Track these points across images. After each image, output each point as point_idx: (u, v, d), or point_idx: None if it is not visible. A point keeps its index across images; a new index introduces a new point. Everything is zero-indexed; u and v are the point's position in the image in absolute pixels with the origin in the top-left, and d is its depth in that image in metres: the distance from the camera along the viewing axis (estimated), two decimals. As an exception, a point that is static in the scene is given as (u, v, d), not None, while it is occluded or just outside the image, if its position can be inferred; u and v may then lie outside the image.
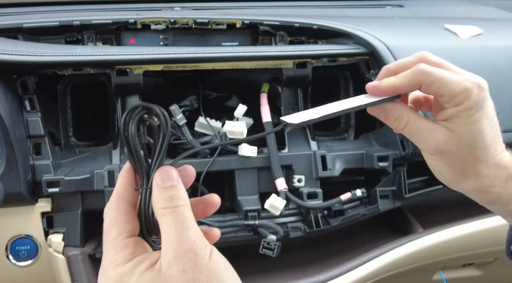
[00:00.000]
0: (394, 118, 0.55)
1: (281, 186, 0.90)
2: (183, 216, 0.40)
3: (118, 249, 0.42)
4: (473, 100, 0.50)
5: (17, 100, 0.83)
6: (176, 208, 0.41)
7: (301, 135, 0.98)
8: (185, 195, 0.42)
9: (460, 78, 0.50)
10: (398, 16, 1.23)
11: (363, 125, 1.06)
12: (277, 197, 0.87)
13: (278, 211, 0.87)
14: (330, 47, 0.96)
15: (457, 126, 0.51)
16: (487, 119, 0.51)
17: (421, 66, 0.51)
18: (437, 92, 0.51)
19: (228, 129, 0.90)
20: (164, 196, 0.41)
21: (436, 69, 0.51)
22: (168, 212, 0.40)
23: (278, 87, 1.00)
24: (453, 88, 0.50)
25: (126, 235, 0.42)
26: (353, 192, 0.94)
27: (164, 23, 0.99)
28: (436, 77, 0.50)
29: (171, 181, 0.42)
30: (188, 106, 0.95)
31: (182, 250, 0.39)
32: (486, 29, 1.08)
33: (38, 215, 0.82)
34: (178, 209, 0.41)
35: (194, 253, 0.39)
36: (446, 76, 0.50)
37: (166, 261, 0.39)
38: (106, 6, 1.19)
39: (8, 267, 0.82)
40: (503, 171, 0.53)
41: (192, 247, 0.39)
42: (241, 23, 1.03)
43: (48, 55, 0.82)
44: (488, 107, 0.51)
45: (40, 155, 0.83)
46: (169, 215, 0.40)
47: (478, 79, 0.51)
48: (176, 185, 0.42)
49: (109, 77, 0.86)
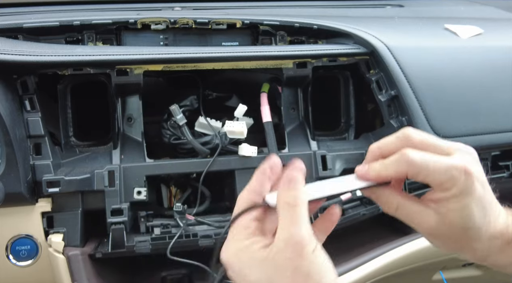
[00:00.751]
0: (383, 203, 0.56)
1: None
2: (302, 214, 0.47)
3: (242, 228, 0.50)
4: (460, 187, 0.50)
5: (17, 100, 0.83)
6: (297, 206, 0.47)
7: (301, 135, 0.98)
8: (305, 198, 0.49)
9: (445, 166, 0.50)
10: (398, 16, 1.24)
11: (363, 125, 1.06)
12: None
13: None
14: (330, 47, 0.96)
15: (447, 212, 0.51)
16: (477, 202, 0.52)
17: (405, 155, 0.51)
18: (424, 181, 0.52)
19: (228, 129, 0.90)
20: (289, 193, 0.48)
21: (420, 157, 0.51)
22: (289, 206, 0.47)
23: (278, 87, 1.00)
24: (439, 178, 0.50)
25: (251, 218, 0.50)
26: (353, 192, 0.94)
27: (164, 23, 0.99)
28: (421, 167, 0.51)
29: (297, 183, 0.49)
30: (188, 106, 0.95)
31: (293, 241, 0.46)
32: (486, 29, 1.08)
33: (38, 215, 0.82)
34: (298, 208, 0.47)
35: (302, 245, 0.46)
36: (432, 165, 0.50)
37: (277, 246, 0.46)
38: (106, 6, 1.19)
39: (8, 267, 0.82)
40: (498, 240, 0.54)
41: (302, 240, 0.46)
42: (241, 23, 1.03)
43: (48, 55, 0.82)
44: (477, 191, 0.51)
45: (40, 155, 0.83)
46: (290, 210, 0.47)
47: (465, 161, 0.51)
48: (300, 187, 0.49)
49: (109, 77, 0.86)
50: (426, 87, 0.92)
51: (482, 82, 0.97)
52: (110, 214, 0.83)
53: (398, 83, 0.91)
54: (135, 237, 0.84)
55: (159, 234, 0.86)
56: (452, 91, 0.94)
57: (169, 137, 0.92)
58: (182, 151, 0.93)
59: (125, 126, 0.92)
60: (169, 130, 0.92)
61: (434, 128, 0.91)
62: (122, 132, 0.92)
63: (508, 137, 0.96)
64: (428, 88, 0.92)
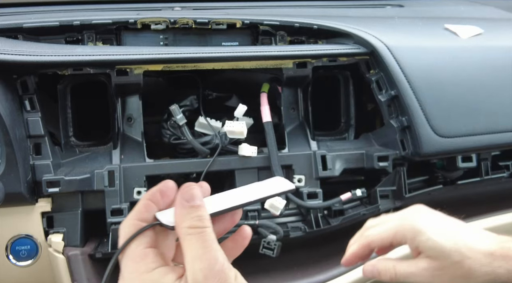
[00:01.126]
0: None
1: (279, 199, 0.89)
2: (211, 237, 0.41)
3: (138, 259, 0.42)
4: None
5: (17, 100, 0.83)
6: (205, 228, 0.41)
7: (301, 135, 0.98)
8: (208, 215, 0.43)
9: None
10: (398, 16, 1.23)
11: (363, 125, 1.07)
12: (277, 197, 0.87)
13: (278, 211, 0.87)
14: (330, 47, 0.96)
15: None
16: None
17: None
18: None
19: (228, 129, 0.90)
20: (191, 215, 0.42)
21: None
22: (196, 232, 0.41)
23: (278, 87, 1.00)
24: None
25: (145, 245, 0.43)
26: (353, 192, 0.94)
27: (164, 23, 0.99)
28: None
29: (198, 200, 0.42)
30: (188, 106, 0.95)
31: (214, 270, 0.40)
32: (486, 29, 1.08)
33: (38, 215, 0.82)
34: (207, 230, 0.41)
35: (225, 274, 0.40)
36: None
37: (194, 279, 0.40)
38: (106, 6, 1.19)
39: (8, 267, 0.82)
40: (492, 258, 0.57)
41: (223, 268, 0.40)
42: (241, 23, 1.03)
43: (48, 55, 0.82)
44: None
45: (40, 155, 0.83)
46: (198, 235, 0.41)
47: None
48: (202, 204, 0.43)
49: (109, 77, 0.86)
50: (426, 87, 0.92)
51: (482, 82, 0.97)
52: (110, 214, 0.83)
53: (398, 83, 0.91)
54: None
55: (159, 234, 0.85)
56: (452, 91, 0.94)
57: (169, 137, 0.92)
58: (182, 151, 0.93)
59: (125, 126, 0.92)
60: (169, 130, 0.92)
61: (434, 128, 0.91)
62: (122, 132, 0.92)
63: (508, 138, 0.96)
64: (428, 88, 0.92)
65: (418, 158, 0.93)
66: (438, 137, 0.91)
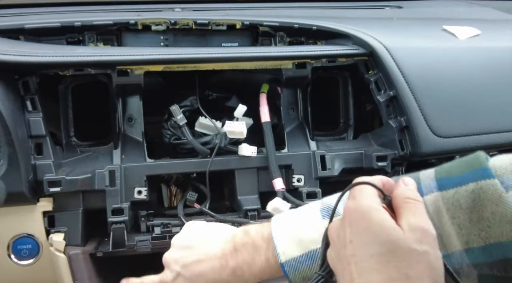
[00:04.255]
0: None
1: (278, 186, 0.90)
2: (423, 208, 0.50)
3: (372, 192, 0.49)
4: None
5: (19, 101, 0.83)
6: (420, 201, 0.50)
7: (300, 135, 0.99)
8: None
9: None
10: (397, 17, 1.24)
11: (362, 126, 1.07)
12: (281, 200, 0.88)
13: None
14: (329, 48, 0.97)
15: None
16: None
17: None
18: None
19: (228, 129, 0.90)
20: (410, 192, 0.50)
21: None
22: (414, 201, 0.49)
23: (277, 87, 1.00)
24: None
25: (376, 192, 0.50)
26: None
27: (165, 24, 1.00)
28: None
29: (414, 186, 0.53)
30: (188, 106, 0.96)
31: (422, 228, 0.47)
32: (483, 30, 1.08)
33: (39, 214, 0.83)
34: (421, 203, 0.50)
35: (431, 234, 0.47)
36: None
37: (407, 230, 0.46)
38: (107, 7, 1.19)
39: (10, 266, 0.83)
40: None
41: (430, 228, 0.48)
42: (241, 24, 1.03)
43: (49, 56, 0.83)
44: None
45: (42, 155, 0.83)
46: (415, 203, 0.49)
47: None
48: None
49: (110, 78, 0.86)
50: (425, 88, 0.93)
51: (480, 82, 0.97)
52: (111, 213, 0.84)
53: (397, 84, 0.92)
54: (136, 236, 0.85)
55: (159, 233, 0.86)
56: (450, 91, 0.94)
57: (169, 138, 0.93)
58: (182, 150, 0.93)
59: (126, 127, 0.93)
60: (170, 131, 0.93)
61: (432, 128, 0.91)
62: (122, 132, 0.92)
63: (506, 137, 0.96)
64: (426, 89, 0.93)
65: (416, 158, 0.93)
66: (437, 137, 0.91)
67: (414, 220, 0.46)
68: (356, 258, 0.46)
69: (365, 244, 0.46)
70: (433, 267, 0.45)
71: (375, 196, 0.49)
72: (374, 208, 0.48)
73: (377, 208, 0.48)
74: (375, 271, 0.45)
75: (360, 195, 0.49)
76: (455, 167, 0.57)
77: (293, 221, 0.62)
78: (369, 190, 0.50)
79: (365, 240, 0.46)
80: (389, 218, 0.47)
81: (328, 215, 0.60)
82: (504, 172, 0.54)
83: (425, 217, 0.47)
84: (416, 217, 0.47)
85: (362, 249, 0.46)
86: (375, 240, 0.46)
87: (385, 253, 0.45)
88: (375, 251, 0.45)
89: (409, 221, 0.46)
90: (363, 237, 0.47)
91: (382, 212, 0.47)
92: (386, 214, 0.47)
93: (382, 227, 0.46)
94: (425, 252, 0.45)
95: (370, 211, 0.47)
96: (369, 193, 0.49)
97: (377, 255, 0.45)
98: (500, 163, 0.55)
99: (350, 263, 0.47)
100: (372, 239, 0.46)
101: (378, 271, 0.45)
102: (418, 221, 0.46)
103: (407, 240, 0.45)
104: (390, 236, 0.45)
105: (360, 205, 0.48)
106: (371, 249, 0.46)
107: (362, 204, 0.48)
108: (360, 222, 0.47)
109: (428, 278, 0.44)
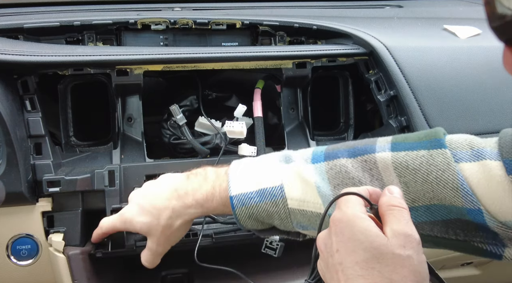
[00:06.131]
0: None
1: None
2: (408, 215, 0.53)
3: (357, 202, 0.51)
4: None
5: (18, 100, 0.83)
6: (405, 208, 0.52)
7: (300, 135, 0.98)
8: None
9: None
10: (397, 17, 1.24)
11: (362, 125, 1.07)
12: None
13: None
14: (329, 48, 0.97)
15: None
16: None
17: None
18: None
19: (228, 129, 0.90)
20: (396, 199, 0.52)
21: None
22: (398, 208, 0.51)
23: (276, 86, 1.00)
24: None
25: (361, 202, 0.53)
26: None
27: (164, 24, 1.00)
28: None
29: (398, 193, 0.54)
30: (188, 106, 0.96)
31: (407, 235, 0.50)
32: (484, 29, 1.08)
33: (38, 215, 0.82)
34: (406, 210, 0.53)
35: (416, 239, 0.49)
36: None
37: (392, 237, 0.49)
38: (106, 7, 1.19)
39: (9, 266, 0.83)
40: None
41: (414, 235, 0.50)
42: (241, 24, 1.03)
43: (48, 55, 0.82)
44: None
45: (41, 155, 0.83)
46: (400, 210, 0.51)
47: None
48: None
49: (109, 77, 0.86)
50: (425, 88, 0.92)
51: (481, 82, 0.97)
52: (110, 213, 0.83)
53: (397, 84, 0.92)
54: (135, 237, 0.84)
55: (159, 234, 0.86)
56: (451, 91, 0.94)
57: (169, 137, 0.93)
58: (182, 150, 0.93)
59: (125, 126, 0.93)
60: (169, 130, 0.93)
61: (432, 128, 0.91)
62: (122, 132, 0.92)
63: (507, 137, 0.96)
64: (427, 89, 0.92)
65: (417, 158, 0.93)
66: (437, 137, 0.91)
67: (398, 226, 0.48)
68: (343, 266, 0.48)
69: (351, 251, 0.48)
70: (417, 271, 0.46)
71: (360, 205, 0.51)
72: (358, 217, 0.49)
73: (361, 217, 0.49)
74: (361, 277, 0.46)
75: (345, 205, 0.51)
76: (412, 135, 0.61)
77: (251, 162, 0.66)
78: (354, 199, 0.51)
79: (350, 248, 0.48)
80: (373, 226, 0.48)
81: (286, 161, 0.64)
82: (459, 146, 0.58)
83: (409, 222, 0.49)
84: (400, 223, 0.48)
85: (348, 256, 0.48)
86: (360, 247, 0.47)
87: (369, 259, 0.46)
88: (360, 258, 0.47)
89: (392, 227, 0.48)
90: (349, 245, 0.48)
91: (366, 220, 0.49)
92: (370, 222, 0.49)
93: (366, 235, 0.47)
94: (408, 257, 0.46)
95: (354, 219, 0.49)
96: (354, 202, 0.51)
97: (362, 261, 0.47)
98: (456, 138, 0.59)
99: (337, 271, 0.48)
100: (356, 246, 0.47)
101: (363, 277, 0.46)
102: (401, 227, 0.48)
103: (390, 246, 0.46)
104: (373, 242, 0.47)
105: (344, 214, 0.50)
106: (356, 256, 0.47)
107: (347, 213, 0.50)
108: (345, 230, 0.49)
109: (412, 282, 0.46)
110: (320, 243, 0.53)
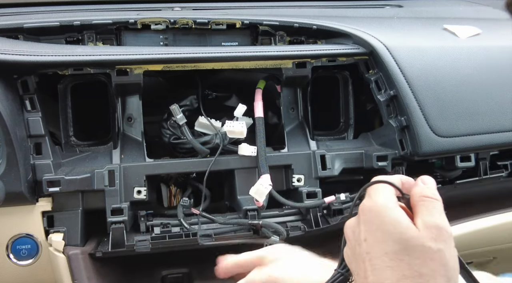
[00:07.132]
0: None
1: (265, 182, 0.89)
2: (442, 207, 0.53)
3: (390, 191, 0.51)
4: None
5: (18, 100, 0.83)
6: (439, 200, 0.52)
7: (300, 135, 0.98)
8: None
9: None
10: (397, 16, 1.24)
11: (362, 125, 1.07)
12: (260, 183, 0.87)
13: (263, 197, 0.86)
14: (329, 47, 0.97)
15: None
16: None
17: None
18: None
19: (228, 129, 0.90)
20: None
21: None
22: (430, 200, 0.51)
23: (277, 86, 1.00)
24: None
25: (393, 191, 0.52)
26: (337, 195, 0.92)
27: (164, 23, 1.00)
28: None
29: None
30: (188, 106, 0.96)
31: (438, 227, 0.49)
32: (484, 29, 1.08)
33: (38, 214, 0.82)
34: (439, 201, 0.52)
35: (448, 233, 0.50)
36: None
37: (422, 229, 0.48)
38: (106, 6, 1.19)
39: (9, 266, 0.83)
40: None
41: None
42: (241, 23, 1.03)
43: (48, 55, 0.82)
44: None
45: (41, 155, 0.83)
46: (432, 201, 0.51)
47: None
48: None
49: (109, 77, 0.86)
50: (425, 87, 0.92)
51: (481, 82, 0.97)
52: (110, 213, 0.84)
53: (397, 83, 0.92)
54: (135, 236, 0.85)
55: (159, 233, 0.86)
56: (451, 91, 0.94)
57: (169, 137, 0.93)
58: (182, 150, 0.93)
59: (125, 126, 0.93)
60: (169, 130, 0.93)
61: (432, 128, 0.91)
62: (122, 132, 0.92)
63: (507, 137, 0.96)
64: (427, 88, 0.92)
65: (417, 158, 0.93)
66: (437, 137, 0.91)
67: (429, 218, 0.47)
68: (370, 255, 0.47)
69: (379, 242, 0.47)
70: (447, 265, 0.45)
71: (391, 194, 0.50)
72: (389, 207, 0.48)
73: (391, 207, 0.48)
74: (389, 268, 0.45)
75: (376, 193, 0.50)
76: None
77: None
78: (385, 188, 0.50)
79: (379, 238, 0.47)
80: (404, 216, 0.47)
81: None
82: None
83: (442, 214, 0.48)
84: (432, 215, 0.47)
85: (376, 246, 0.47)
86: (389, 238, 0.46)
87: (399, 251, 0.45)
88: (389, 249, 0.46)
89: (424, 219, 0.47)
90: (377, 235, 0.47)
91: (396, 210, 0.48)
92: (400, 212, 0.48)
93: (396, 225, 0.46)
94: (439, 250, 0.45)
95: (384, 209, 0.48)
96: (384, 191, 0.50)
97: (390, 252, 0.46)
98: None
99: (364, 260, 0.47)
100: (386, 237, 0.46)
101: (391, 268, 0.45)
102: (433, 219, 0.47)
103: (421, 238, 0.45)
104: (404, 234, 0.46)
105: (374, 203, 0.49)
106: (384, 247, 0.46)
107: (377, 202, 0.49)
108: (374, 220, 0.48)
109: (442, 276, 0.45)
110: (348, 230, 0.52)
